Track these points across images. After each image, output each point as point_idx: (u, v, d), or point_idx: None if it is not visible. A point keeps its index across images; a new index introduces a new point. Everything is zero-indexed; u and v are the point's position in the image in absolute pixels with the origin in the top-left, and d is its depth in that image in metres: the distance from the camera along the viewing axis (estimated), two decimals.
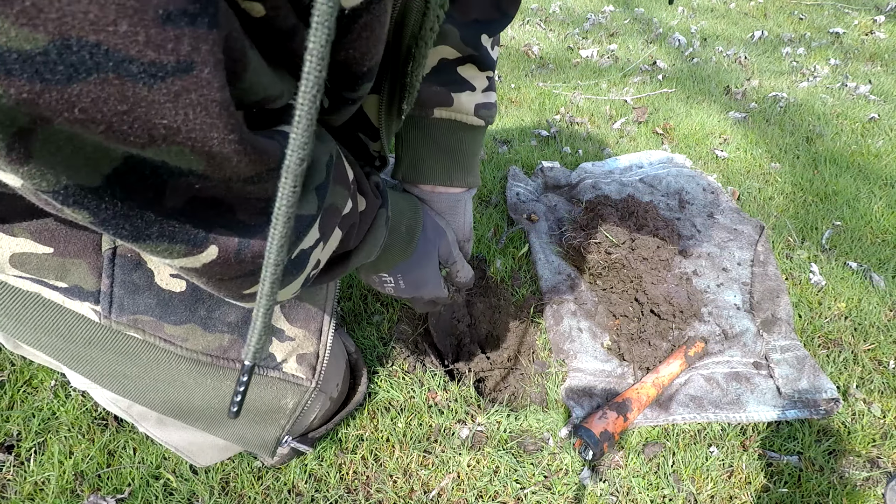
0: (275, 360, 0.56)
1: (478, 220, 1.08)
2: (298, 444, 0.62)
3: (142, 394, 0.52)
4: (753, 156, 1.32)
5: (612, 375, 0.79)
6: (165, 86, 0.21)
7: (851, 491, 0.68)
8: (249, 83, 0.26)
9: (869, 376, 0.81)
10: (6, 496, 0.63)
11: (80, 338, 0.46)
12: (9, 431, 0.69)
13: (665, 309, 0.86)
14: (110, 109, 0.21)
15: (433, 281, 0.67)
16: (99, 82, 0.20)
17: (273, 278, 0.28)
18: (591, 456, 0.68)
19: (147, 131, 0.23)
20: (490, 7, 0.58)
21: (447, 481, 0.67)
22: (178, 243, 0.29)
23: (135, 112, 0.22)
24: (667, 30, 2.08)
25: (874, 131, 1.42)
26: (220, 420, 0.56)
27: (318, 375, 0.59)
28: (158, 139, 0.23)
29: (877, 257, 1.01)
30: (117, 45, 0.20)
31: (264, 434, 0.59)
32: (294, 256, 0.38)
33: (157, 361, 0.50)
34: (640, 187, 1.15)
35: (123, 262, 0.47)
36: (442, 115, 0.63)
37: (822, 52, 1.93)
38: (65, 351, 0.47)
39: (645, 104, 1.54)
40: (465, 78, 0.61)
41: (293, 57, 0.31)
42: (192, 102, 0.22)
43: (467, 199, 0.72)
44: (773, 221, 1.10)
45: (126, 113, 0.22)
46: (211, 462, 0.65)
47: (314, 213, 0.38)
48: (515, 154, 1.29)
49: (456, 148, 0.66)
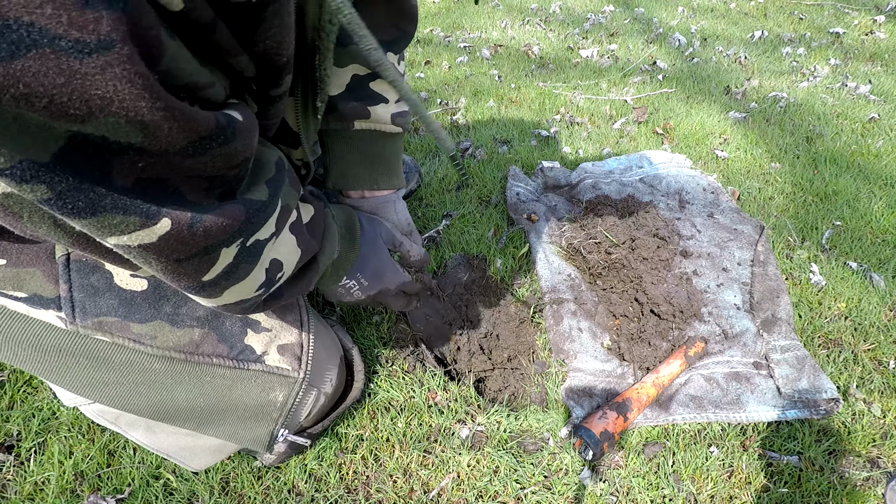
0: (255, 353, 0.56)
1: (478, 219, 1.08)
2: (296, 437, 0.62)
3: (124, 400, 0.52)
4: (753, 156, 1.32)
5: (612, 375, 0.79)
6: (92, 60, 0.24)
7: (851, 491, 0.68)
8: (168, 67, 0.28)
9: (869, 376, 0.81)
10: (6, 496, 0.63)
11: (50, 346, 0.47)
12: (9, 431, 0.69)
13: (665, 309, 0.86)
14: (50, 82, 0.23)
15: (390, 267, 0.69)
16: (38, 57, 0.23)
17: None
18: (591, 456, 0.68)
19: (85, 102, 0.25)
20: (391, 28, 0.65)
21: (447, 481, 0.67)
22: (132, 215, 0.31)
23: (72, 84, 0.24)
24: (667, 30, 2.08)
25: (874, 131, 1.42)
26: (208, 418, 0.56)
27: (305, 366, 0.59)
28: (95, 110, 0.25)
29: (877, 257, 1.01)
30: (47, 24, 0.22)
31: (257, 429, 0.59)
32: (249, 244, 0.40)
33: (131, 363, 0.50)
34: (640, 187, 1.15)
35: (79, 267, 0.47)
36: (362, 126, 0.69)
37: (822, 52, 1.93)
38: (40, 363, 0.47)
39: (645, 104, 1.54)
40: (378, 92, 0.68)
41: (217, 49, 0.33)
42: (118, 75, 0.25)
43: (396, 199, 0.76)
44: (773, 221, 1.10)
45: (64, 85, 0.24)
46: (205, 465, 0.65)
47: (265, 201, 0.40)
48: (515, 154, 1.29)
49: (379, 154, 0.72)
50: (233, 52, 0.35)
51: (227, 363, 0.54)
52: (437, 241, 1.03)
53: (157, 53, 0.27)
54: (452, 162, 0.51)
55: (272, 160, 0.44)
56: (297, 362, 0.59)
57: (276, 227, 0.43)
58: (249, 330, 0.57)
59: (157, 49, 0.27)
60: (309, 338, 0.61)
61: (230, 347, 0.55)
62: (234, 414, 0.57)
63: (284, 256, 0.48)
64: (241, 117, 0.35)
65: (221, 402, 0.55)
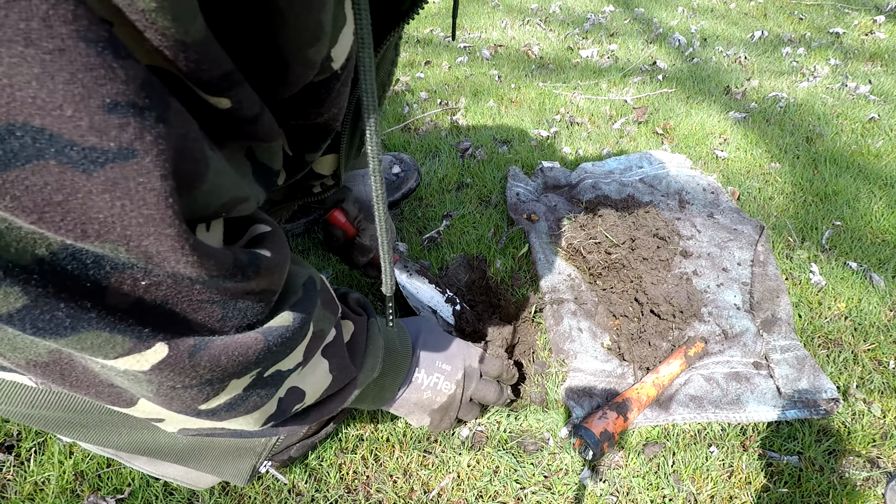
0: None
1: (478, 220, 1.08)
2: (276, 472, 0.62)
3: (105, 439, 0.50)
4: (753, 156, 1.32)
5: (612, 375, 0.79)
6: (104, 172, 0.21)
7: (851, 491, 0.68)
8: (211, 185, 0.25)
9: (869, 376, 0.81)
10: (6, 496, 0.63)
11: (24, 402, 0.44)
12: (9, 431, 0.69)
13: (665, 309, 0.86)
14: (44, 199, 0.20)
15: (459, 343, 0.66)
16: (38, 168, 0.20)
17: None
18: (591, 456, 0.68)
19: (80, 225, 0.22)
20: None
21: (447, 481, 0.67)
22: (120, 335, 0.26)
23: (69, 204, 0.21)
24: (667, 30, 2.08)
25: (874, 131, 1.42)
26: (190, 454, 0.54)
27: None
28: (91, 235, 0.22)
29: (877, 257, 1.01)
30: (61, 129, 0.19)
31: (239, 464, 0.58)
32: (268, 375, 0.35)
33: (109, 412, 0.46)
34: (640, 187, 1.15)
35: None
36: None
37: (822, 52, 1.93)
38: (15, 415, 0.45)
39: (645, 104, 1.54)
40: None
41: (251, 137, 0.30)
42: (130, 191, 0.21)
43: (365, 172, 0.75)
44: (773, 221, 1.10)
45: (60, 204, 0.21)
46: (211, 485, 0.64)
47: (289, 327, 0.35)
48: (515, 154, 1.29)
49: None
50: (268, 138, 0.31)
51: None
52: (437, 241, 1.03)
53: (202, 168, 0.24)
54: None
55: (299, 282, 0.38)
56: None
57: (305, 357, 0.39)
58: None
59: (201, 164, 0.24)
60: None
61: None
62: (217, 449, 0.56)
63: (310, 385, 0.43)
64: (270, 253, 0.32)
65: (204, 439, 0.54)
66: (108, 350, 0.26)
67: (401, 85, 1.61)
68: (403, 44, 1.94)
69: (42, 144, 0.19)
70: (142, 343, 0.27)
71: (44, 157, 0.19)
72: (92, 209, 0.21)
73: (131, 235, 0.23)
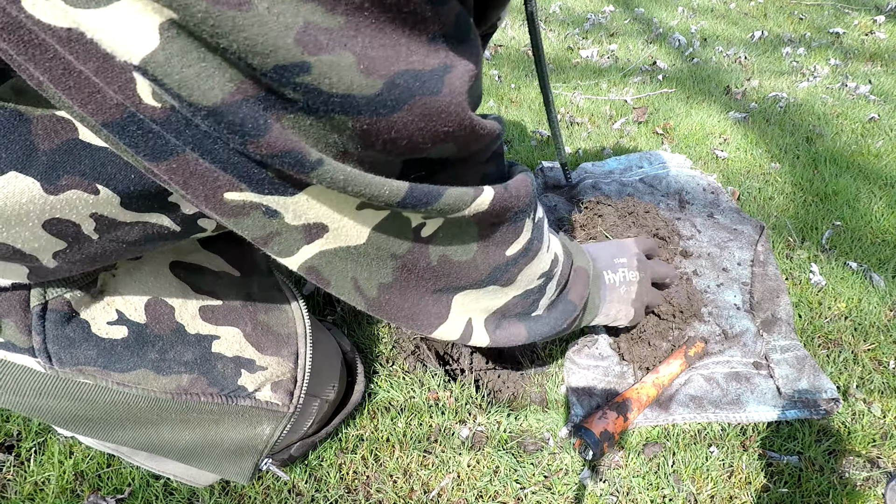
0: (246, 391, 0.55)
1: None
2: (277, 469, 0.62)
3: (109, 434, 0.50)
4: (753, 156, 1.32)
5: (611, 375, 0.79)
6: (447, 85, 0.28)
7: (851, 491, 0.68)
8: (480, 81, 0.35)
9: (869, 376, 0.81)
10: (6, 496, 0.63)
11: (29, 389, 0.45)
12: (9, 431, 0.69)
13: (665, 309, 0.86)
14: (414, 128, 0.28)
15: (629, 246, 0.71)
16: (409, 108, 0.27)
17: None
18: (591, 456, 0.68)
19: (431, 138, 0.30)
20: None
21: (447, 481, 0.67)
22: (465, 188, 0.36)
23: (430, 126, 0.28)
24: (667, 30, 2.08)
25: (874, 131, 1.42)
26: (192, 453, 0.55)
27: (297, 400, 0.57)
28: (438, 141, 0.30)
29: (877, 257, 1.01)
30: (415, 64, 0.26)
31: (241, 463, 0.58)
32: (536, 220, 0.45)
33: (115, 403, 0.48)
34: (640, 187, 1.15)
35: (55, 317, 0.44)
36: None
37: (822, 52, 1.93)
38: (19, 404, 0.46)
39: (645, 104, 1.54)
40: None
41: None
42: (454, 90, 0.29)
43: None
44: (773, 221, 1.10)
45: (423, 128, 0.28)
46: (211, 482, 0.64)
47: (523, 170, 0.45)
48: (515, 154, 1.29)
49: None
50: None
51: (215, 399, 0.52)
52: None
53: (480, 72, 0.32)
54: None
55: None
56: (288, 397, 0.57)
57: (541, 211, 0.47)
58: (244, 370, 0.54)
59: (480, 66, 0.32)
60: (305, 372, 0.59)
61: (221, 389, 0.53)
62: (220, 448, 0.56)
63: (556, 248, 0.51)
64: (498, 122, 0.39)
65: (207, 437, 0.54)
66: (462, 202, 0.35)
67: None
68: None
69: (412, 85, 0.26)
70: (476, 191, 0.36)
71: (411, 99, 0.26)
72: (441, 125, 0.29)
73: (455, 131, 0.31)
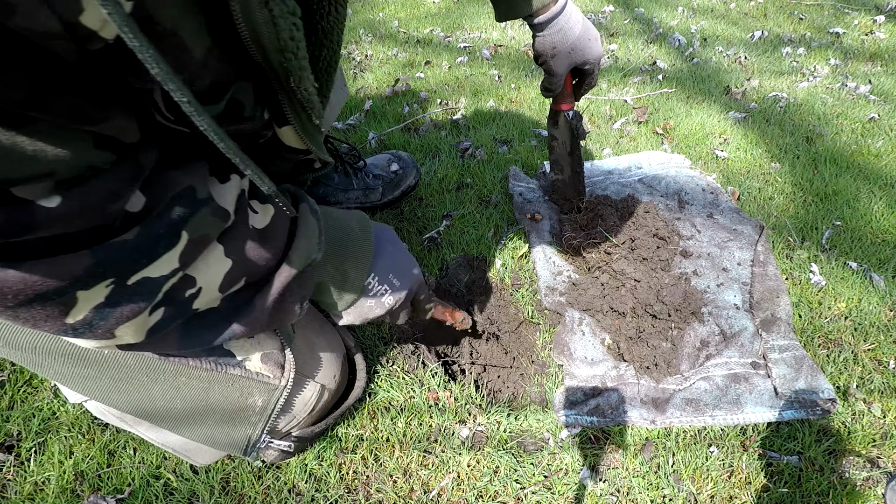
0: (234, 358, 0.56)
1: (478, 220, 1.08)
2: (280, 442, 0.62)
3: (105, 394, 0.52)
4: (753, 156, 1.32)
5: (611, 375, 0.79)
6: None
7: (851, 491, 0.68)
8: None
9: (869, 376, 0.81)
10: (6, 496, 0.63)
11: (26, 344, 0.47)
12: (9, 431, 0.69)
13: (664, 309, 0.86)
14: None
15: (411, 260, 0.63)
16: None
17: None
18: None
19: None
20: None
21: (447, 481, 0.67)
22: None
23: None
24: (667, 30, 2.08)
25: (874, 131, 1.42)
26: (185, 420, 0.56)
27: (288, 374, 0.58)
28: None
29: (877, 257, 1.01)
30: None
31: (233, 433, 0.58)
32: (132, 283, 0.34)
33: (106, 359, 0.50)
34: (639, 187, 1.15)
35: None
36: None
37: (822, 52, 1.93)
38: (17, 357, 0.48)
39: (645, 104, 1.54)
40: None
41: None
42: None
43: (570, 9, 0.78)
44: (773, 221, 1.10)
45: None
46: (210, 461, 0.65)
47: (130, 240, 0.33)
48: (515, 154, 1.29)
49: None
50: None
51: (203, 364, 0.54)
52: (437, 241, 1.03)
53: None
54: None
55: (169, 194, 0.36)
56: (279, 370, 0.58)
57: (183, 262, 0.38)
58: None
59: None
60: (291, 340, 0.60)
61: (208, 353, 0.55)
62: (212, 418, 0.57)
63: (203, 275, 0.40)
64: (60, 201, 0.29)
65: (198, 405, 0.55)
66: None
67: (401, 85, 1.61)
68: (403, 44, 1.94)
69: None
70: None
71: None
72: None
73: None
